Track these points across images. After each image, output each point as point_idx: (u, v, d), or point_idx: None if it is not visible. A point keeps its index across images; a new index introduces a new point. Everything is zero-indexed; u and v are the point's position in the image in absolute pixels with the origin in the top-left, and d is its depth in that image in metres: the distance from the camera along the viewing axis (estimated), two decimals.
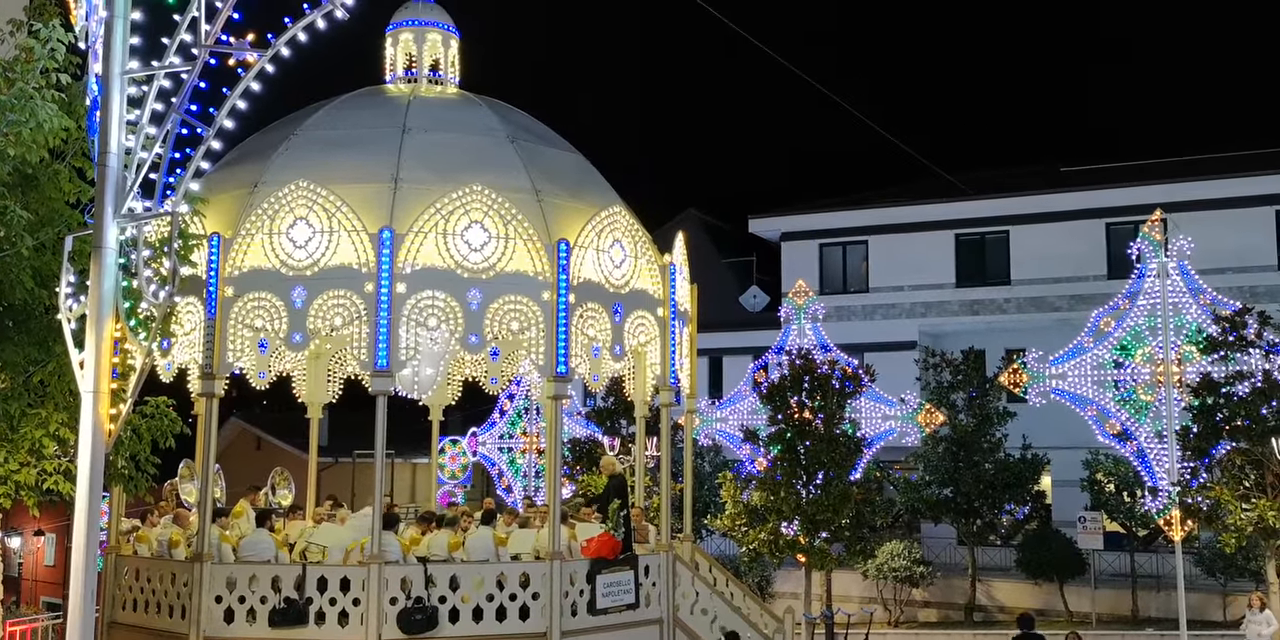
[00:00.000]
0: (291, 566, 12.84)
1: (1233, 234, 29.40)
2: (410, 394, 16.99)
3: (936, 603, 27.79)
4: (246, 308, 13.05)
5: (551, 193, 14.22)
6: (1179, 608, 20.42)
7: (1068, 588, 26.21)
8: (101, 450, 7.65)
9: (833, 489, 22.90)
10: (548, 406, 14.60)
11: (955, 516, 27.00)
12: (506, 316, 13.28)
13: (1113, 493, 26.28)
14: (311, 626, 12.47)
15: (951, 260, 33.62)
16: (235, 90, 8.23)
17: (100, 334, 7.70)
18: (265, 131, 14.99)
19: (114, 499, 14.12)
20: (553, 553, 13.16)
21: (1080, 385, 21.54)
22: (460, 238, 13.16)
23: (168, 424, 11.27)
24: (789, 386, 23.59)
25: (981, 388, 27.09)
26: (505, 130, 14.91)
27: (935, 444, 26.81)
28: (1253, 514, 19.19)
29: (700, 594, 15.02)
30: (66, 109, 9.56)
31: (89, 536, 7.48)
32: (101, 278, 7.76)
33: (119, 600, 13.82)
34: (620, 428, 27.38)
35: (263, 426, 36.34)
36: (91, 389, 7.65)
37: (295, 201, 13.10)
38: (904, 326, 33.58)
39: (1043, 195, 32.89)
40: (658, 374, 15.23)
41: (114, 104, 7.96)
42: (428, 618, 12.47)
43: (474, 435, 26.62)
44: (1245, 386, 19.71)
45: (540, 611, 12.96)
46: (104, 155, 7.91)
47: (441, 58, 16.10)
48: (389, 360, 12.84)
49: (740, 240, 38.32)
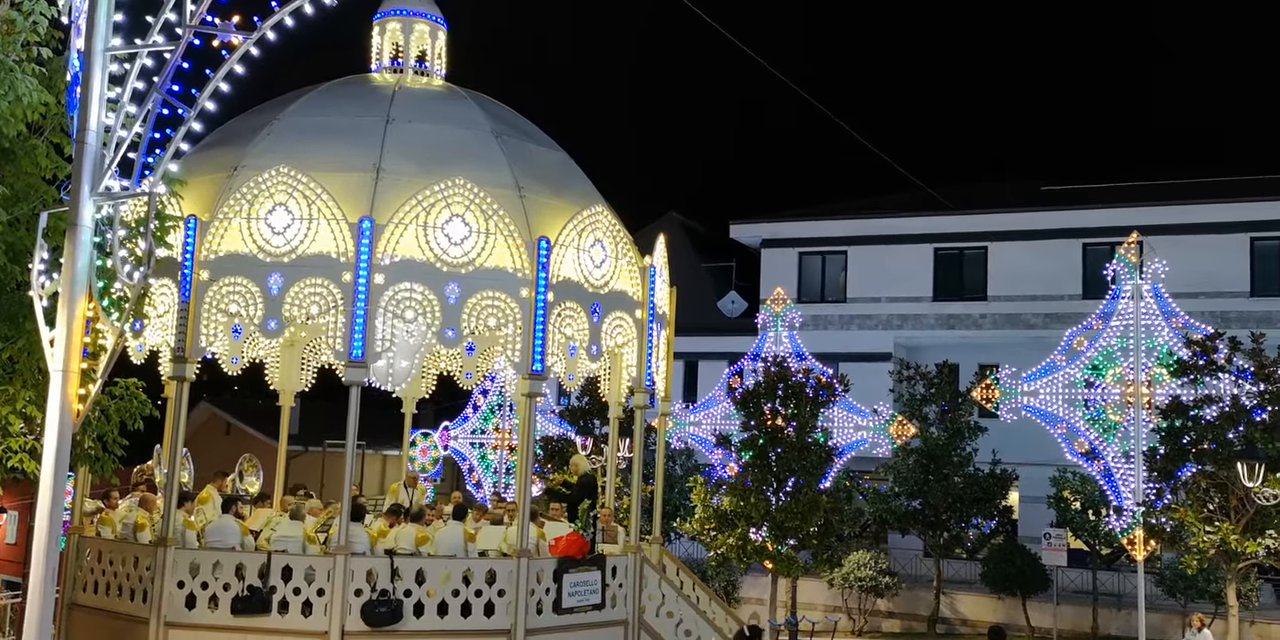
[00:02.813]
0: (256, 554, 12.74)
1: (1207, 259, 29.67)
2: (384, 385, 16.89)
3: (900, 613, 27.88)
4: (222, 292, 12.94)
5: (534, 189, 14.17)
6: (1139, 626, 20.58)
7: (1030, 603, 26.36)
8: (69, 430, 7.57)
9: (802, 497, 22.94)
10: (522, 404, 14.54)
11: (923, 528, 27.11)
12: (484, 312, 13.22)
13: (1078, 511, 26.45)
14: (275, 615, 12.37)
15: (930, 274, 33.78)
16: (219, 72, 8.16)
17: (72, 312, 7.63)
18: (247, 115, 14.87)
19: (79, 479, 13.98)
20: (521, 550, 13.12)
21: (1051, 403, 21.70)
22: (441, 231, 13.10)
23: (137, 406, 11.17)
24: (763, 393, 23.63)
25: (954, 402, 27.21)
26: (490, 125, 14.85)
27: (906, 456, 26.90)
28: (1215, 537, 19.34)
29: (667, 597, 14.98)
30: (46, 84, 9.45)
31: (53, 516, 7.40)
32: (76, 256, 7.69)
33: (80, 582, 13.66)
34: (593, 428, 27.35)
35: (233, 412, 36.07)
36: (61, 368, 7.58)
37: (275, 187, 13.01)
38: (880, 338, 33.71)
39: (1023, 213, 33.10)
40: (633, 376, 15.20)
41: (95, 81, 7.89)
42: (392, 611, 12.39)
43: (446, 429, 26.55)
44: (1213, 411, 19.90)
45: (505, 609, 12.91)
46: (83, 132, 7.83)
47: (428, 49, 16.00)
48: (364, 351, 12.77)
49: (720, 245, 38.36)
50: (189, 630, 12.46)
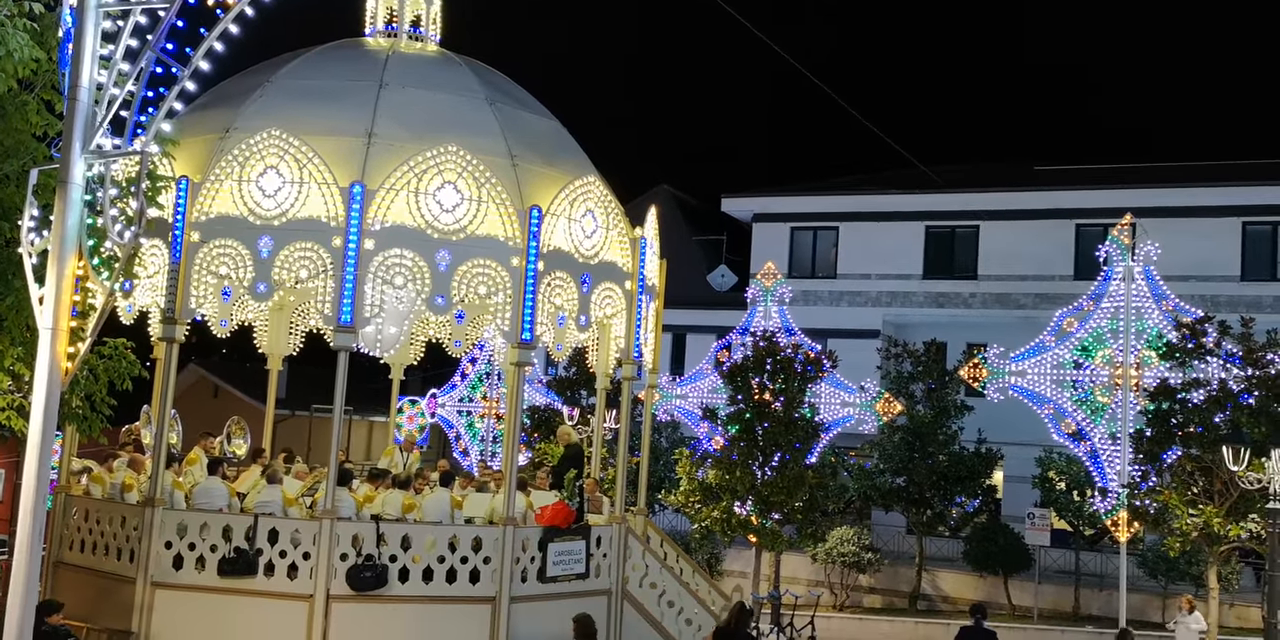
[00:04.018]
0: (243, 516, 12.77)
1: (1199, 242, 29.72)
2: (372, 351, 16.87)
3: (882, 589, 28.08)
4: (212, 254, 12.89)
5: (526, 158, 14.11)
6: (1119, 607, 20.80)
7: (1012, 582, 26.57)
8: (57, 388, 7.52)
9: (788, 471, 23.04)
10: (510, 373, 14.54)
11: (906, 506, 27.26)
12: (474, 280, 13.20)
13: (1063, 491, 26.61)
14: (260, 577, 12.42)
15: (920, 251, 33.78)
16: (213, 31, 8.06)
17: (62, 271, 7.56)
18: (240, 76, 14.75)
19: (66, 438, 13.97)
20: (507, 518, 13.16)
21: (1039, 383, 21.79)
22: (432, 197, 13.04)
23: (126, 366, 11.15)
24: (751, 367, 23.68)
25: (941, 380, 27.29)
26: (484, 92, 14.75)
27: (891, 433, 27.01)
28: (1199, 520, 19.50)
29: (650, 568, 15.06)
30: (38, 39, 9.33)
31: (40, 474, 7.37)
32: (66, 213, 7.61)
33: (66, 540, 13.69)
34: (580, 398, 27.40)
35: (221, 375, 36.01)
36: (50, 326, 7.51)
37: (267, 150, 12.92)
38: (869, 314, 33.75)
39: (1015, 192, 33.08)
40: (621, 347, 15.20)
41: (87, 37, 7.77)
42: (377, 576, 12.44)
43: (434, 397, 26.56)
44: (1200, 394, 20.01)
45: (491, 576, 12.97)
46: (75, 89, 7.72)
47: (423, 14, 15.87)
48: (353, 316, 12.74)
49: (711, 218, 38.29)
50: (175, 590, 12.51)
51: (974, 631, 14.37)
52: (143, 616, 12.47)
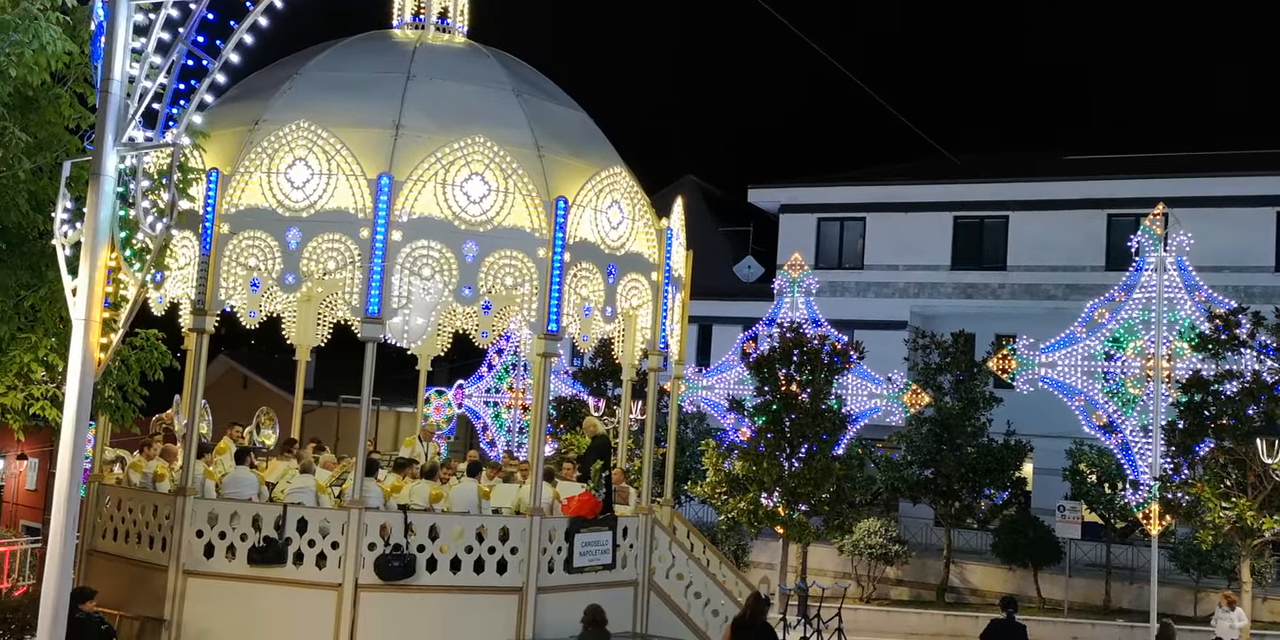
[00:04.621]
0: (273, 506, 12.87)
1: (1232, 233, 29.35)
2: (399, 342, 16.95)
3: (910, 582, 27.97)
4: (241, 246, 12.97)
5: (553, 149, 14.11)
6: (1151, 601, 20.63)
7: (1042, 575, 26.40)
8: (90, 378, 7.61)
9: (815, 463, 22.99)
10: (536, 364, 14.57)
11: (934, 498, 27.13)
12: (501, 271, 13.22)
13: (1094, 484, 26.38)
14: (290, 566, 12.52)
15: (948, 242, 33.55)
16: (243, 24, 8.11)
17: (94, 262, 7.64)
18: (269, 69, 14.82)
19: (99, 428, 14.12)
20: (534, 509, 13.20)
21: (1069, 375, 21.61)
22: (459, 189, 13.07)
23: (157, 357, 11.25)
24: (778, 359, 23.63)
25: (969, 371, 27.11)
26: (511, 83, 14.76)
27: (919, 425, 26.87)
28: (1232, 513, 19.31)
29: (677, 559, 15.08)
30: (71, 33, 9.42)
31: (74, 464, 7.45)
32: (99, 205, 7.68)
33: (99, 528, 13.85)
34: (606, 389, 27.42)
35: (250, 366, 36.30)
36: (83, 317, 7.59)
37: (295, 142, 12.98)
38: (896, 306, 33.58)
39: (1045, 182, 32.78)
40: (647, 338, 15.20)
41: (120, 30, 7.83)
42: (405, 565, 12.51)
43: (460, 387, 26.67)
44: (1234, 386, 19.79)
45: (518, 566, 13.02)
46: (107, 82, 7.79)
47: (450, 6, 15.89)
48: (380, 307, 12.80)
49: (738, 209, 38.17)
50: (206, 578, 12.64)
51: (1004, 625, 14.29)
52: (174, 604, 12.61)
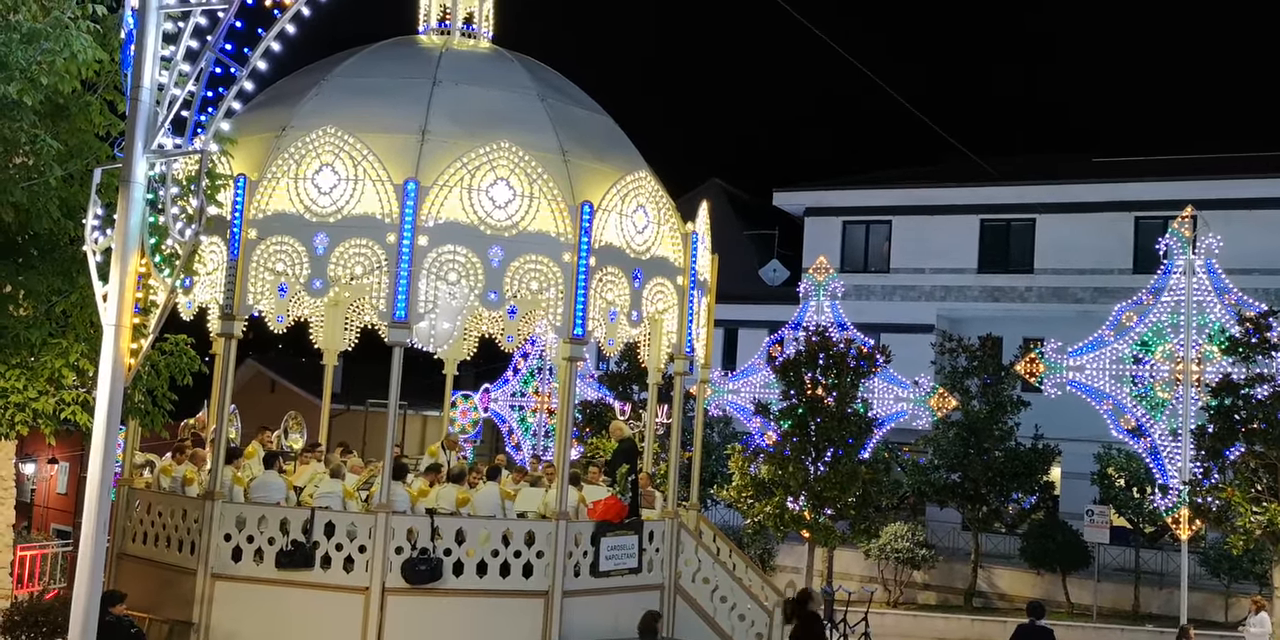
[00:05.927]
0: (300, 510, 12.94)
1: (1262, 235, 29.05)
2: (426, 347, 17.01)
3: (937, 586, 27.83)
4: (269, 251, 13.05)
5: (578, 154, 14.14)
6: (1181, 606, 20.44)
7: (1070, 579, 26.20)
8: (121, 383, 7.68)
9: (841, 467, 22.92)
10: (562, 368, 14.59)
11: (961, 502, 26.98)
12: (526, 276, 13.25)
13: (1123, 488, 26.18)
14: (317, 570, 12.58)
15: (975, 245, 33.38)
16: (271, 31, 8.17)
17: (125, 268, 7.71)
18: (296, 75, 14.92)
19: (129, 432, 14.24)
20: (560, 512, 13.22)
21: (1097, 378, 21.46)
22: (485, 194, 13.12)
23: (186, 362, 11.33)
24: (804, 363, 23.58)
25: (996, 375, 26.96)
26: (536, 88, 14.80)
27: (946, 429, 26.74)
28: (1263, 518, 19.11)
29: (703, 563, 15.05)
30: (101, 41, 9.52)
31: (104, 468, 7.52)
32: (129, 212, 7.76)
33: (129, 532, 13.96)
34: (632, 393, 27.44)
35: (278, 370, 36.55)
36: (114, 322, 7.67)
37: (322, 147, 13.06)
38: (922, 309, 33.42)
39: (1072, 185, 32.56)
40: (673, 342, 15.20)
41: (149, 39, 7.91)
42: (431, 569, 12.55)
43: (486, 391, 26.75)
44: (1265, 389, 19.61)
45: (544, 570, 13.03)
46: (137, 89, 7.87)
47: (475, 11, 15.96)
48: (407, 312, 12.85)
49: (763, 213, 38.11)
50: (234, 582, 12.71)
51: (1031, 629, 14.20)
52: (203, 607, 12.68)
